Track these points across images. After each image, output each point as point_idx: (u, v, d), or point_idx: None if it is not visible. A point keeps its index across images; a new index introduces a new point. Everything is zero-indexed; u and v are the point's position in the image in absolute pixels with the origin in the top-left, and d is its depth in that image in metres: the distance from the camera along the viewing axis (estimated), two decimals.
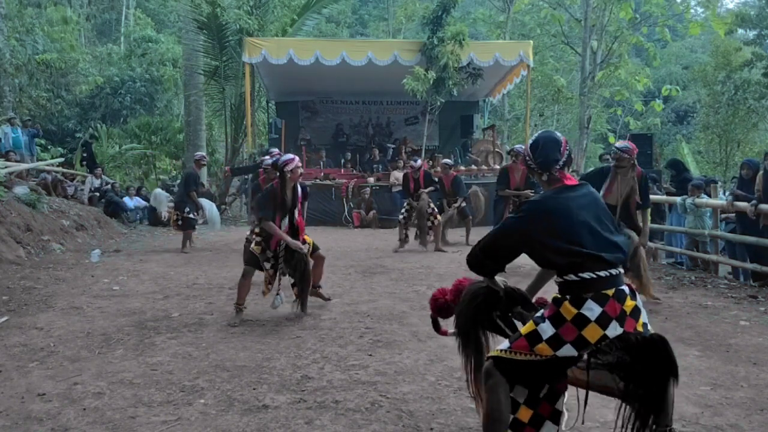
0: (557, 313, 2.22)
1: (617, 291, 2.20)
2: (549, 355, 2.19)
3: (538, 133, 2.49)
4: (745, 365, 3.85)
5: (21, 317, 5.14)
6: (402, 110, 17.67)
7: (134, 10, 27.86)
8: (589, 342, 2.16)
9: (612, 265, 2.22)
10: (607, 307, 2.16)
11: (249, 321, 5.00)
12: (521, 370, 2.26)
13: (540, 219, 2.27)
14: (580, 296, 2.19)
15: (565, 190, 2.33)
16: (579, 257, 2.20)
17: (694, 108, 26.42)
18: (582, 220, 2.24)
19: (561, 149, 2.38)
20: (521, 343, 2.25)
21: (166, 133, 20.07)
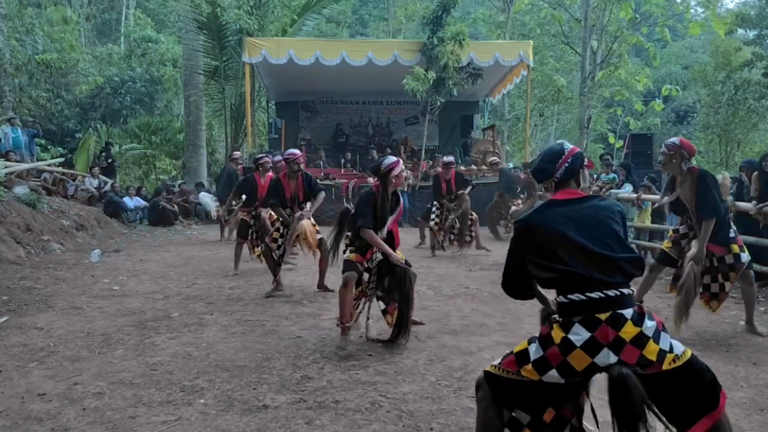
0: (548, 335, 2.06)
1: (613, 315, 1.97)
2: (535, 379, 2.03)
3: (551, 145, 2.40)
4: (745, 365, 3.85)
5: (21, 317, 5.14)
6: (402, 110, 17.67)
7: (134, 10, 27.85)
8: (576, 370, 1.98)
9: (607, 285, 2.01)
10: (597, 333, 1.96)
11: (249, 321, 5.00)
12: (510, 390, 2.10)
13: (526, 236, 2.19)
14: (568, 319, 2.02)
15: (558, 205, 2.19)
16: (565, 277, 2.04)
17: (694, 108, 26.43)
18: (572, 237, 2.07)
19: (558, 161, 2.25)
20: (510, 360, 2.12)
21: (166, 133, 20.08)
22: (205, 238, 11.37)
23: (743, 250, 4.32)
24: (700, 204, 4.17)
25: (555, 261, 2.07)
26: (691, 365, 1.99)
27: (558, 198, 2.23)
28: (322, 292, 6.05)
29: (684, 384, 1.96)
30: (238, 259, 7.29)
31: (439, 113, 14.84)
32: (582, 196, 2.25)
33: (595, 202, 2.22)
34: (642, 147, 13.02)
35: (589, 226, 2.11)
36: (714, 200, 4.12)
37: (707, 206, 4.13)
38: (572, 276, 2.03)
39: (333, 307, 5.49)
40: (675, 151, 4.26)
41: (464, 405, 3.17)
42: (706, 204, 4.13)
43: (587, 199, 2.23)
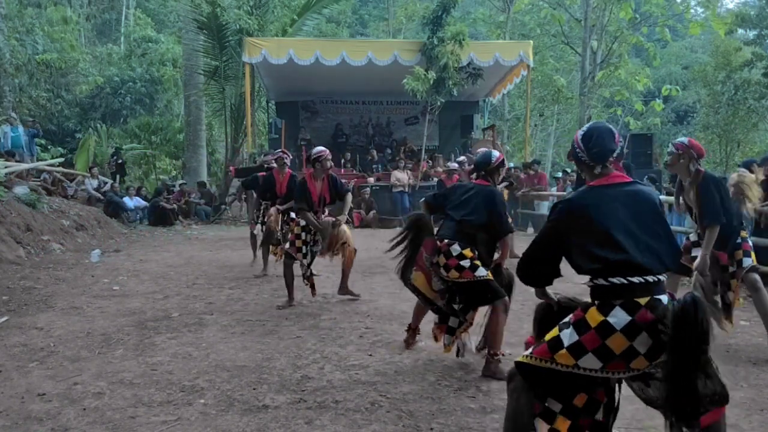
0: (582, 320, 2.05)
1: (652, 300, 2.00)
2: (570, 365, 2.02)
3: (591, 124, 2.33)
4: (745, 365, 3.85)
5: (21, 317, 5.14)
6: (402, 110, 17.66)
7: (134, 10, 27.84)
8: (614, 353, 1.98)
9: (648, 271, 2.03)
10: (638, 316, 1.97)
11: (249, 321, 5.00)
12: (544, 378, 2.09)
13: (570, 218, 2.15)
14: (608, 302, 2.03)
15: (605, 187, 2.17)
16: (609, 260, 2.04)
17: (694, 108, 26.43)
18: (617, 220, 2.08)
19: (615, 139, 2.23)
20: (543, 348, 2.11)
21: (166, 133, 20.08)
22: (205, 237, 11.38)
23: (747, 255, 4.14)
24: (704, 210, 4.00)
25: (604, 245, 2.06)
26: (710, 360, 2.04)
27: (610, 181, 2.20)
28: (346, 296, 5.76)
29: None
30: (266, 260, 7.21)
31: (439, 113, 14.83)
32: (627, 180, 2.22)
33: (640, 187, 2.20)
34: (642, 147, 13.00)
35: (637, 210, 2.12)
36: (717, 206, 3.94)
37: (710, 212, 3.96)
38: (622, 261, 2.03)
39: (333, 306, 5.50)
40: (684, 150, 4.07)
41: (464, 405, 3.17)
42: (709, 210, 3.97)
43: (632, 183, 2.21)
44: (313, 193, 5.47)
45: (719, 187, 4.04)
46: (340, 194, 5.68)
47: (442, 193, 4.18)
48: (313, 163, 5.46)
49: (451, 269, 3.69)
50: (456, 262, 3.68)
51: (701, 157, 4.12)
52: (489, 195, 3.84)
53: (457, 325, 3.84)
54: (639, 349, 1.98)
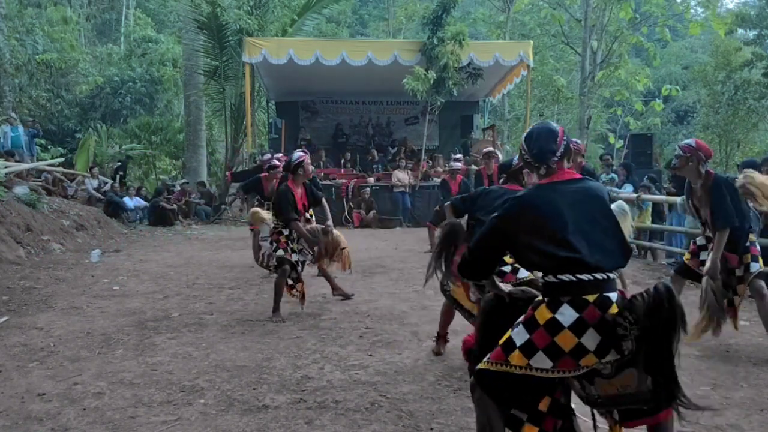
0: (532, 317, 2.05)
1: (600, 297, 1.99)
2: (523, 365, 2.01)
3: (534, 125, 2.33)
4: (745, 365, 3.85)
5: (21, 317, 5.14)
6: (402, 110, 17.65)
7: (134, 10, 27.84)
8: (564, 351, 1.97)
9: (597, 269, 2.01)
10: (585, 314, 1.96)
11: (249, 321, 5.00)
12: (503, 385, 2.07)
13: (519, 215, 2.12)
14: (557, 299, 2.02)
15: (555, 185, 2.14)
16: (558, 257, 2.02)
17: (694, 108, 26.43)
18: (567, 217, 2.05)
19: (557, 140, 2.18)
20: (497, 352, 2.09)
21: (166, 133, 20.07)
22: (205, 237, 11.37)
23: (756, 260, 4.07)
24: (715, 213, 3.92)
25: (556, 242, 2.04)
26: None
27: (556, 179, 2.17)
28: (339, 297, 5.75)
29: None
30: None
31: (439, 113, 14.83)
32: (577, 177, 2.21)
33: (590, 184, 2.19)
34: (642, 147, 13.02)
35: (588, 208, 2.10)
36: (729, 209, 3.87)
37: (721, 216, 3.88)
38: (571, 258, 2.01)
39: (333, 306, 5.50)
40: (692, 153, 3.99)
41: (464, 405, 3.17)
42: (720, 213, 3.89)
43: (581, 180, 2.20)
44: (297, 201, 5.24)
45: (730, 189, 3.98)
46: (316, 200, 5.50)
47: (470, 197, 4.07)
48: (295, 169, 5.23)
49: None
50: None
51: (709, 158, 4.07)
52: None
53: None
54: (588, 346, 1.96)
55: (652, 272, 7.58)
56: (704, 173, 4.01)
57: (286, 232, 5.19)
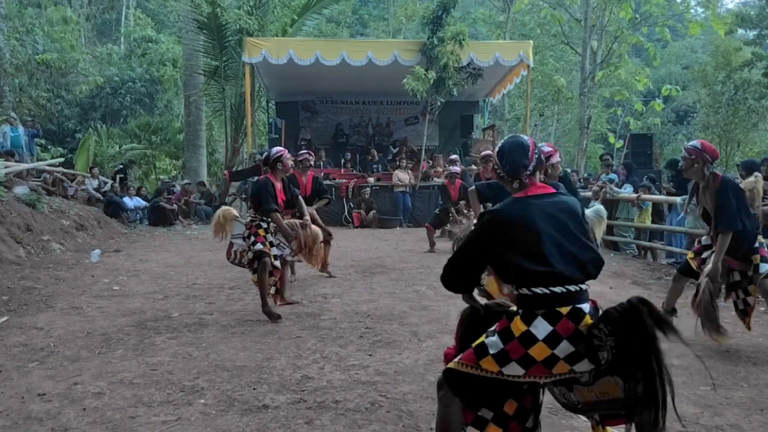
0: (507, 329, 2.09)
1: (573, 309, 2.03)
2: (495, 372, 2.05)
3: (506, 139, 2.34)
4: (745, 365, 3.85)
5: (21, 317, 5.14)
6: (402, 110, 17.66)
7: (134, 10, 27.86)
8: (536, 360, 2.01)
9: (570, 281, 2.05)
10: (559, 327, 2.01)
11: (249, 321, 5.00)
12: (471, 386, 2.11)
13: (496, 228, 2.15)
14: (531, 312, 2.06)
15: (529, 199, 2.18)
16: (532, 270, 2.06)
17: (694, 108, 26.43)
18: (542, 231, 2.09)
19: (529, 154, 2.22)
20: (469, 354, 2.13)
21: (166, 133, 20.09)
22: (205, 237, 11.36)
23: (765, 261, 4.05)
24: (719, 215, 3.90)
25: (530, 255, 2.07)
26: None
27: (530, 192, 2.20)
28: (286, 305, 5.48)
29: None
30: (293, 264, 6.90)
31: (439, 113, 14.83)
32: (551, 191, 2.24)
33: (563, 198, 2.22)
34: (642, 147, 13.02)
35: (561, 221, 2.13)
36: (733, 212, 3.86)
37: (724, 218, 3.87)
38: (545, 271, 2.05)
39: (333, 307, 5.50)
40: (697, 155, 3.97)
41: None
42: (724, 215, 3.87)
43: (555, 194, 2.23)
44: (278, 194, 5.21)
45: (737, 192, 3.97)
46: (293, 197, 5.46)
47: (497, 185, 3.98)
48: (274, 163, 5.21)
49: None
50: None
51: (715, 159, 4.04)
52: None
53: None
54: (560, 355, 2.01)
55: (652, 272, 7.58)
56: (710, 175, 4.00)
57: (264, 225, 5.12)
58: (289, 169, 5.44)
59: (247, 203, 8.62)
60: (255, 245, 5.04)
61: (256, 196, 5.20)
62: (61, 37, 20.31)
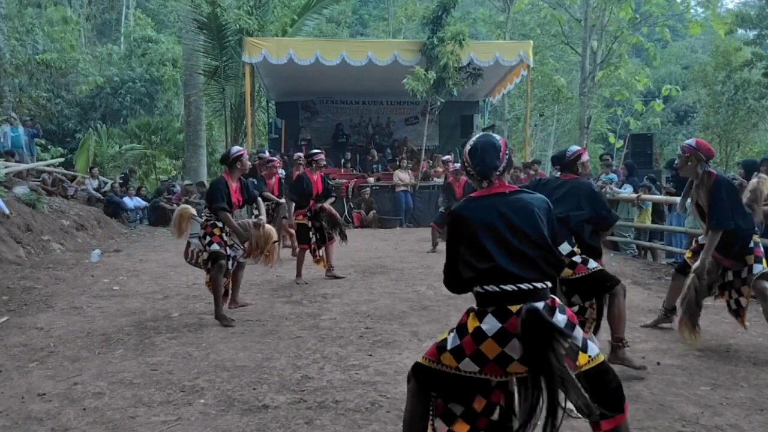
0: (464, 324, 2.12)
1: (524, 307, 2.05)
2: (453, 367, 2.09)
3: (477, 138, 2.32)
4: (745, 365, 3.85)
5: (21, 317, 5.14)
6: (402, 110, 17.66)
7: (134, 10, 27.85)
8: (488, 358, 2.03)
9: (521, 279, 2.06)
10: (508, 324, 2.02)
11: (249, 321, 5.00)
12: (436, 380, 2.14)
13: (454, 227, 2.19)
14: (483, 309, 2.09)
15: (489, 197, 2.19)
16: (480, 269, 2.09)
17: (694, 108, 26.43)
18: (491, 230, 2.11)
19: (500, 155, 2.22)
20: (432, 349, 2.18)
21: (166, 133, 20.08)
22: None
23: (759, 262, 4.05)
24: (711, 213, 3.93)
25: (481, 255, 2.10)
26: (602, 370, 2.10)
27: (491, 191, 2.21)
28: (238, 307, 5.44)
29: (591, 387, 2.02)
30: (301, 265, 6.80)
31: (439, 113, 14.83)
32: (513, 189, 2.24)
33: (524, 196, 2.22)
34: (642, 147, 13.03)
35: (517, 220, 2.14)
36: (725, 211, 3.87)
37: (715, 216, 3.90)
38: (495, 270, 2.07)
39: (333, 307, 5.50)
40: (691, 153, 4.02)
41: None
42: (714, 214, 3.90)
43: (517, 192, 2.23)
44: (232, 194, 5.11)
45: (730, 191, 3.98)
46: (251, 197, 5.34)
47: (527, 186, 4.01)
48: (233, 163, 5.13)
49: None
50: (567, 260, 3.64)
51: (710, 158, 4.06)
52: (588, 188, 3.83)
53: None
54: (512, 354, 2.01)
55: (652, 272, 7.57)
56: (704, 173, 4.01)
57: (220, 224, 5.05)
58: (246, 170, 5.33)
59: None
60: (211, 245, 4.98)
61: (208, 194, 5.20)
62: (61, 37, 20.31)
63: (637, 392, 3.33)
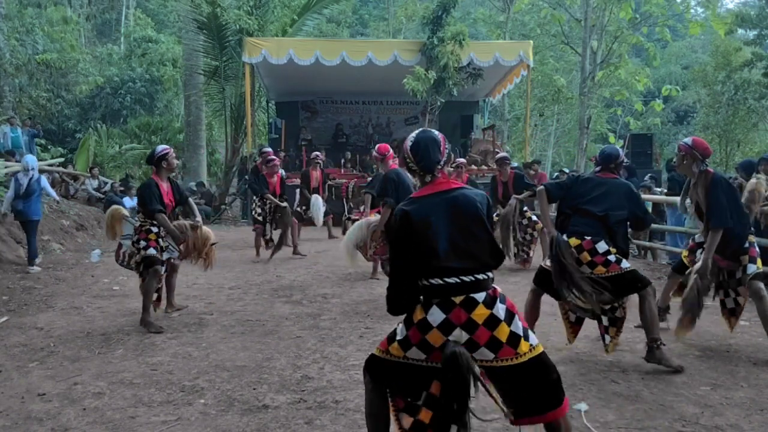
0: (409, 316, 2.23)
1: (467, 299, 2.14)
2: (400, 357, 2.19)
3: (418, 133, 2.39)
4: (745, 365, 3.84)
5: (21, 317, 5.14)
6: (402, 110, 17.66)
7: (134, 10, 27.87)
8: (434, 347, 2.13)
9: (463, 271, 2.16)
10: (452, 315, 2.13)
11: (249, 321, 5.00)
12: (385, 371, 2.24)
13: (402, 224, 2.23)
14: (428, 301, 2.18)
15: (427, 197, 2.26)
16: (426, 263, 2.18)
17: (694, 108, 26.43)
18: (435, 225, 2.19)
19: (440, 149, 2.32)
20: (383, 341, 2.30)
21: (166, 133, 20.08)
22: None
23: (753, 262, 4.03)
24: (710, 212, 3.88)
25: (425, 249, 2.18)
26: (541, 361, 2.17)
27: (435, 189, 2.28)
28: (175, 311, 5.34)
29: (532, 377, 2.13)
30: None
31: (439, 113, 14.83)
32: (456, 185, 2.31)
33: (466, 192, 2.29)
34: (642, 147, 13.03)
35: (461, 216, 2.22)
36: (723, 209, 3.84)
37: (714, 215, 3.85)
38: (438, 264, 2.17)
39: (333, 307, 5.50)
40: (686, 151, 3.99)
41: None
42: (713, 212, 3.85)
43: (457, 189, 2.29)
44: (164, 195, 4.92)
45: (728, 190, 3.97)
46: (182, 198, 5.20)
47: (566, 184, 4.05)
48: (158, 162, 4.94)
49: (597, 266, 3.67)
50: (603, 259, 3.67)
51: (707, 157, 4.04)
52: (628, 189, 3.87)
53: (609, 323, 3.83)
54: (454, 340, 2.13)
55: (652, 272, 7.56)
56: (701, 172, 4.00)
57: (155, 229, 4.90)
58: (173, 169, 5.17)
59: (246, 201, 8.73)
60: (147, 249, 4.83)
61: (140, 197, 4.98)
62: (61, 37, 20.30)
63: (637, 392, 3.33)
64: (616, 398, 3.25)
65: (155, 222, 4.87)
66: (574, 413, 2.97)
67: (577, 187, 3.91)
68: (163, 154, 4.95)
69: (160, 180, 4.95)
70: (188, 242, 5.09)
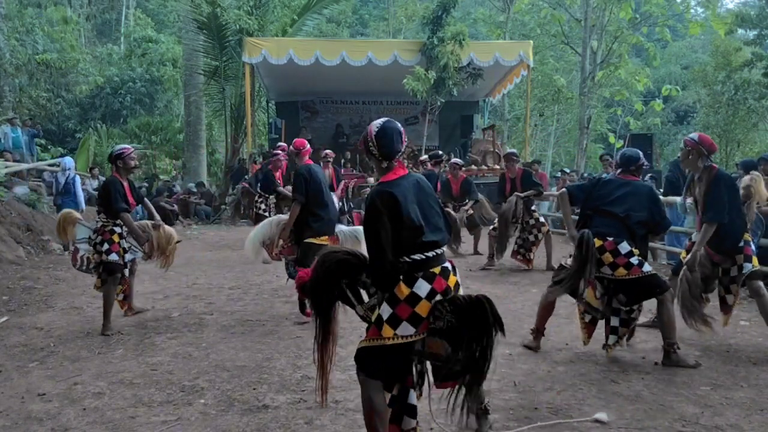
0: (392, 295, 2.38)
1: (442, 269, 2.43)
2: (391, 336, 2.34)
3: (384, 122, 2.58)
4: (745, 365, 3.84)
5: (21, 317, 5.14)
6: (402, 110, 17.65)
7: (134, 10, 27.85)
8: (422, 317, 2.35)
9: (437, 245, 2.44)
10: (435, 284, 2.38)
11: (249, 321, 5.00)
12: (376, 359, 2.38)
13: (388, 206, 2.38)
14: (412, 276, 2.38)
15: (400, 179, 2.48)
16: (411, 240, 2.39)
17: (694, 108, 26.42)
18: (414, 206, 2.42)
19: (402, 139, 2.54)
20: (373, 330, 2.42)
21: (166, 133, 20.08)
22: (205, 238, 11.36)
23: (749, 260, 4.07)
24: (707, 205, 3.94)
25: (410, 228, 2.38)
26: None
27: (398, 173, 2.50)
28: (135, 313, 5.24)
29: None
30: None
31: (439, 113, 14.83)
32: (407, 171, 2.56)
33: (415, 177, 2.57)
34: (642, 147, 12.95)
35: (422, 196, 2.49)
36: (721, 204, 3.88)
37: (712, 209, 3.90)
38: (420, 239, 2.40)
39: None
40: (692, 147, 4.03)
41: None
42: (710, 207, 3.91)
43: (410, 174, 2.56)
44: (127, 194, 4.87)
45: (729, 187, 4.00)
46: (139, 198, 5.15)
47: (588, 186, 4.12)
48: (116, 160, 4.87)
49: (618, 267, 3.68)
50: (625, 260, 3.68)
51: (712, 153, 4.08)
52: (650, 191, 3.94)
53: (620, 324, 3.85)
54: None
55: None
56: (705, 167, 4.03)
57: (118, 230, 4.81)
58: (132, 169, 5.05)
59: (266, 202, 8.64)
60: (110, 254, 4.74)
61: (104, 196, 4.85)
62: (61, 37, 20.31)
63: (637, 392, 3.33)
64: (616, 398, 3.25)
65: (117, 222, 4.80)
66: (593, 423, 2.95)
67: (598, 189, 3.96)
68: (119, 153, 4.89)
69: (122, 179, 4.89)
70: (152, 242, 5.07)
